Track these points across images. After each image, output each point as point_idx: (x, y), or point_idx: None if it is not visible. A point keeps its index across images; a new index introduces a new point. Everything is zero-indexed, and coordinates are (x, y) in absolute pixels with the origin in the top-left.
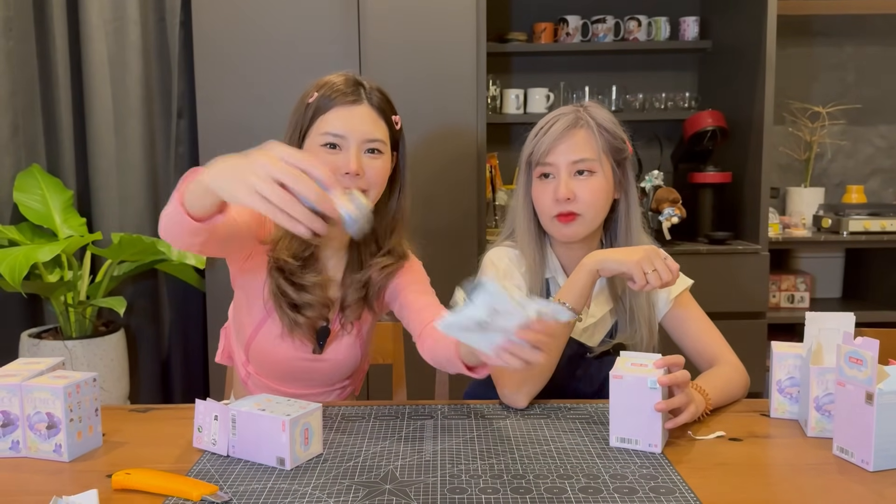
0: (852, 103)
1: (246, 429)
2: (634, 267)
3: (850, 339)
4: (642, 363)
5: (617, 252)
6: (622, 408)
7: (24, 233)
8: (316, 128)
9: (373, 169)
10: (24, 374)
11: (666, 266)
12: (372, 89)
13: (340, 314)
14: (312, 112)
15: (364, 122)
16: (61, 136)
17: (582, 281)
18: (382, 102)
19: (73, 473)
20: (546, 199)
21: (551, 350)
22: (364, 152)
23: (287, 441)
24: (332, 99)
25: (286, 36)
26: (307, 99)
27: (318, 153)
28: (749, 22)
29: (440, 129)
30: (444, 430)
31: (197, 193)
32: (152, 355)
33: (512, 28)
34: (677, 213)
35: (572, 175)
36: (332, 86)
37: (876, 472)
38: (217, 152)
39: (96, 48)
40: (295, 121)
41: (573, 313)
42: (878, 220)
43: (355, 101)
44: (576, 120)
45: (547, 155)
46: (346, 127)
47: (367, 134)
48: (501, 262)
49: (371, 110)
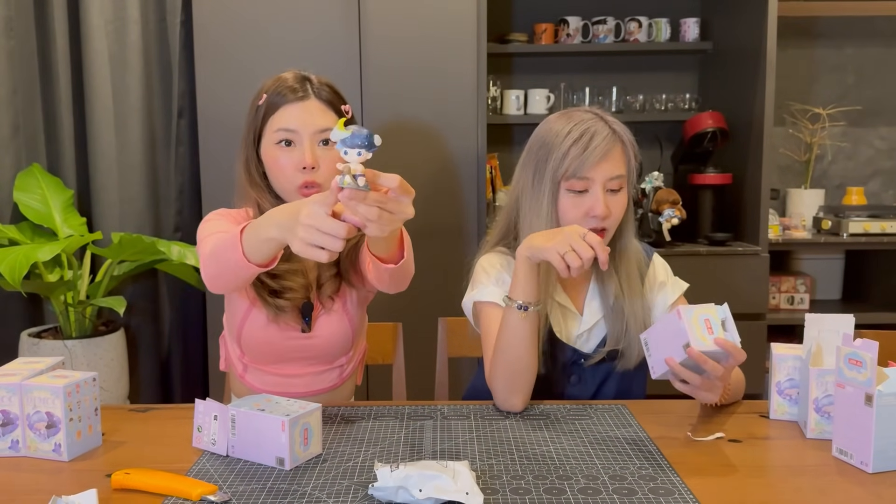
0: (853, 105)
1: (245, 429)
2: (550, 253)
3: (849, 341)
4: (712, 329)
5: (539, 237)
6: (661, 333)
7: (24, 232)
8: (269, 126)
9: (327, 161)
10: (23, 373)
11: (585, 244)
12: (320, 84)
13: (318, 292)
14: (263, 112)
15: (314, 115)
16: (61, 136)
17: (521, 271)
18: (331, 95)
19: (72, 473)
20: (577, 215)
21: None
22: (318, 144)
23: (286, 441)
24: (281, 96)
25: (287, 36)
26: (257, 101)
27: (274, 151)
28: (750, 23)
29: (440, 129)
30: (443, 431)
31: (257, 245)
32: (152, 355)
33: (512, 29)
34: (677, 214)
35: (605, 191)
36: (279, 84)
37: (875, 474)
38: (217, 152)
39: (97, 48)
40: (248, 124)
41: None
42: (878, 222)
43: (303, 96)
44: (612, 137)
45: (586, 171)
46: (296, 121)
47: (318, 125)
48: (493, 268)
49: (319, 103)
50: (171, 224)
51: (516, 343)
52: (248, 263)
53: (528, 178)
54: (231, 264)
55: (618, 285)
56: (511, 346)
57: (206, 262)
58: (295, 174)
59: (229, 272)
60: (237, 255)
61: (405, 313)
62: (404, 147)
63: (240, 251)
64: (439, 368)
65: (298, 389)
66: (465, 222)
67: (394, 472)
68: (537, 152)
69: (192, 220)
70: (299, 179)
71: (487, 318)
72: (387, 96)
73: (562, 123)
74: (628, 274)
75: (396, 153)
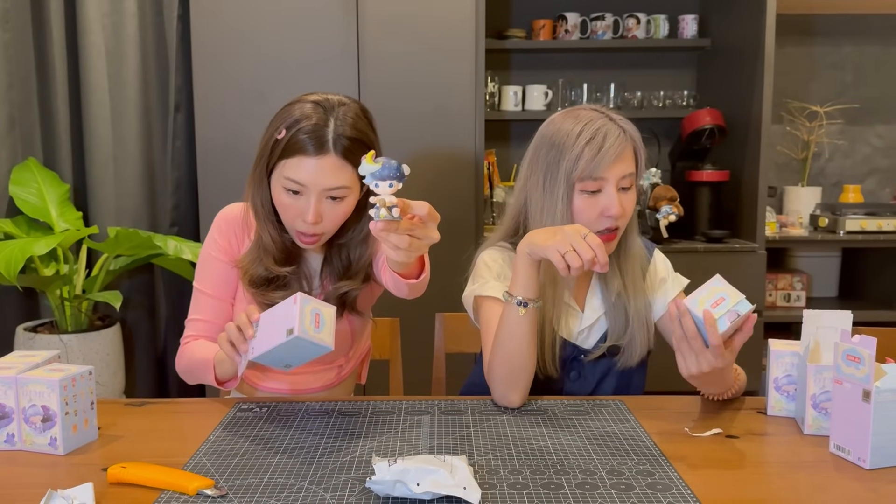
0: (850, 103)
1: (265, 325)
2: (551, 251)
3: (847, 337)
4: (722, 307)
5: (539, 234)
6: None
7: (19, 226)
8: (280, 169)
9: (332, 214)
10: (19, 366)
11: (586, 244)
12: (339, 136)
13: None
14: (280, 151)
15: (326, 175)
16: (58, 130)
17: (521, 267)
18: (351, 147)
19: (68, 467)
20: (592, 215)
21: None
22: (326, 199)
23: (297, 312)
24: (299, 146)
25: (284, 29)
26: (276, 134)
27: (281, 193)
28: (748, 21)
29: (438, 125)
30: (440, 426)
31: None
32: (148, 349)
33: (511, 25)
34: (675, 211)
35: (617, 190)
36: (301, 124)
37: (872, 470)
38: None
39: (93, 41)
40: (262, 151)
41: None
42: (875, 220)
43: (320, 152)
44: (623, 136)
45: (601, 171)
46: (308, 178)
47: (328, 184)
48: (495, 263)
49: (337, 160)
50: (168, 219)
51: (514, 339)
52: (220, 382)
53: (539, 179)
54: (205, 381)
55: (621, 283)
56: (509, 341)
57: (179, 368)
58: (296, 220)
59: (200, 381)
60: (210, 378)
61: (402, 309)
62: (402, 143)
63: (212, 376)
64: (436, 364)
65: (294, 387)
66: (463, 218)
67: (391, 467)
68: (547, 153)
69: (188, 214)
70: (300, 227)
71: (487, 313)
72: (384, 92)
73: (570, 123)
74: (632, 271)
75: (394, 149)
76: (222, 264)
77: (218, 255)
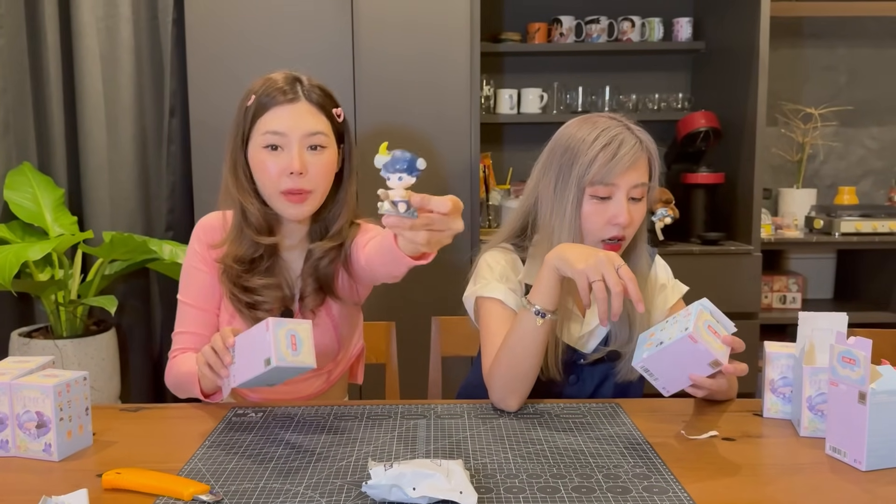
0: (844, 105)
1: (241, 350)
2: (579, 275)
3: (843, 339)
4: (717, 331)
5: (572, 251)
6: (672, 357)
7: (14, 231)
8: (257, 129)
9: (316, 166)
10: (13, 372)
11: (617, 277)
12: (311, 86)
13: (300, 304)
14: (252, 114)
15: (303, 118)
16: (52, 134)
17: (546, 278)
18: (322, 98)
19: (62, 473)
20: (599, 221)
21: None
22: (307, 149)
23: (271, 340)
24: (270, 98)
25: (279, 34)
26: (246, 102)
27: (261, 155)
28: (742, 23)
29: (434, 128)
30: (437, 430)
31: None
32: (143, 355)
33: (505, 28)
34: (670, 213)
35: (628, 199)
36: (268, 85)
37: (868, 472)
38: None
39: (88, 45)
40: (236, 125)
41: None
42: (870, 222)
43: (293, 98)
44: (639, 146)
45: (613, 177)
46: (285, 124)
47: (307, 128)
48: (498, 264)
49: (310, 106)
50: (163, 223)
51: (525, 347)
52: (206, 395)
53: (551, 181)
54: (193, 395)
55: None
56: (519, 348)
57: (169, 383)
58: (281, 178)
59: (189, 395)
60: (196, 391)
61: (398, 312)
62: (397, 146)
63: (198, 389)
64: (432, 367)
65: (283, 396)
66: None
67: (388, 471)
68: (561, 157)
69: (183, 219)
70: (285, 184)
71: (488, 314)
72: (380, 95)
73: (587, 129)
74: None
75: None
76: (204, 274)
77: (199, 266)
